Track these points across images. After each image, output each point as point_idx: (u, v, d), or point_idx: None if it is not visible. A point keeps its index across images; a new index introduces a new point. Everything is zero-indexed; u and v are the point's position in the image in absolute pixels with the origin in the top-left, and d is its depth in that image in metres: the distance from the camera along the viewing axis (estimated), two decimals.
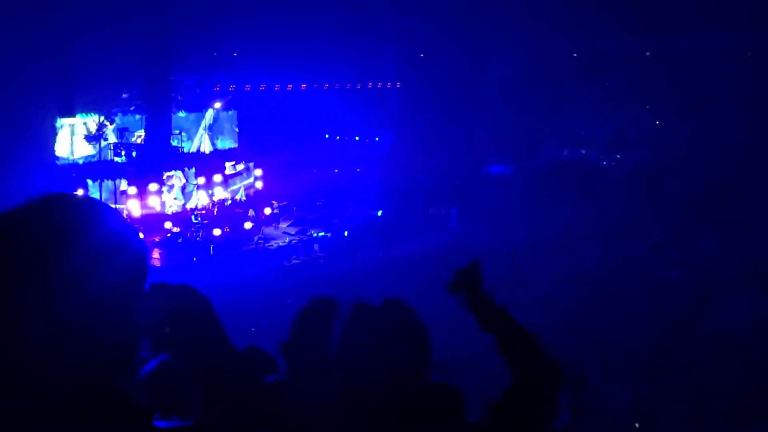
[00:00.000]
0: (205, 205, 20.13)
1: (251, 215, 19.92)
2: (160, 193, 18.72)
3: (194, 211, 19.64)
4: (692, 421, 8.73)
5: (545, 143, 24.98)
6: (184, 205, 19.81)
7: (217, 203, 20.36)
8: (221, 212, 19.94)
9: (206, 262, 17.09)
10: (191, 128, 21.56)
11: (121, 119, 19.28)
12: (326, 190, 23.31)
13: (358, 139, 25.60)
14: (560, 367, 2.06)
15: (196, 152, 21.22)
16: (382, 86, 25.34)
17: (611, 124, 24.87)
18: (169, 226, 18.18)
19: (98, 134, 18.12)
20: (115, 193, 18.30)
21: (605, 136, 24.99)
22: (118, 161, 18.56)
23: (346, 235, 20.32)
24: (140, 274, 1.16)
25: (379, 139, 25.37)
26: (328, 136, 25.38)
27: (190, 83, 20.30)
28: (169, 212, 19.07)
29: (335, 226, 20.89)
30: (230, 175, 21.37)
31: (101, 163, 18.16)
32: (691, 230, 17.77)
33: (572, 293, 13.83)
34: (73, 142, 18.61)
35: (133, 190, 18.06)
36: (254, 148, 22.18)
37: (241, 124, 22.60)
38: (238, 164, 21.75)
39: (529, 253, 16.72)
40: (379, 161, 24.35)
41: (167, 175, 19.16)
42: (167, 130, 19.08)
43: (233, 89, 21.35)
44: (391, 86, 25.45)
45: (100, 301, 1.05)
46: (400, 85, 25.38)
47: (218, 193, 20.66)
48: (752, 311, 12.66)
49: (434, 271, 9.63)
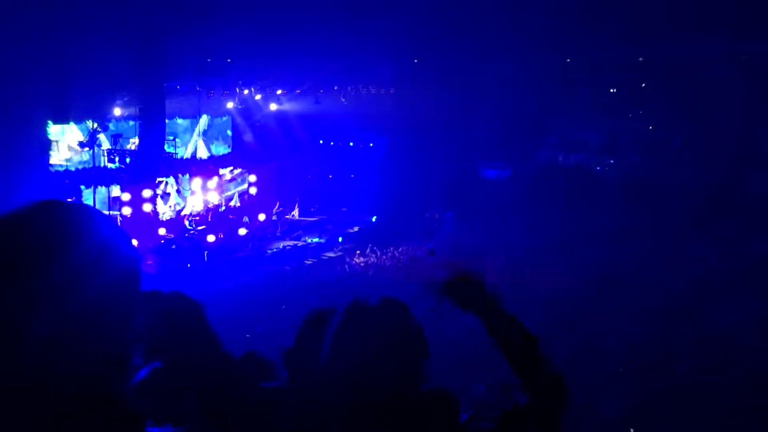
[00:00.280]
0: (199, 211, 20.09)
1: (245, 221, 19.90)
2: (154, 199, 18.68)
3: (188, 217, 19.60)
4: (689, 424, 8.74)
5: (540, 148, 25.09)
6: (179, 211, 19.77)
7: (211, 209, 20.32)
8: (215, 218, 19.91)
9: (200, 268, 17.06)
10: (185, 134, 21.54)
11: (115, 125, 19.24)
12: (320, 195, 23.32)
13: (352, 144, 25.62)
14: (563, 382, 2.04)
15: (190, 158, 21.17)
16: (376, 91, 25.36)
17: (605, 129, 24.99)
18: (163, 232, 18.15)
19: (91, 140, 18.08)
20: (108, 199, 18.25)
21: (599, 141, 25.12)
22: (111, 167, 18.51)
23: (340, 240, 20.33)
24: (132, 281, 1.15)
25: (373, 144, 25.39)
26: (322, 141, 25.39)
27: (183, 89, 20.28)
28: (163, 218, 19.04)
29: (329, 231, 20.90)
30: (225, 180, 21.35)
31: (95, 169, 18.09)
32: (684, 234, 17.84)
33: (567, 296, 13.84)
34: (66, 148, 18.57)
35: (126, 196, 18.01)
36: (248, 154, 22.15)
37: (234, 129, 22.59)
38: (234, 169, 21.74)
39: (524, 256, 16.77)
40: (373, 166, 24.35)
41: (158, 180, 19.14)
42: (161, 136, 19.03)
43: (227, 95, 21.33)
44: (385, 91, 25.47)
45: (92, 307, 1.05)
46: (394, 90, 25.41)
47: (212, 198, 20.63)
48: (747, 315, 12.71)
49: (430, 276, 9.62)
